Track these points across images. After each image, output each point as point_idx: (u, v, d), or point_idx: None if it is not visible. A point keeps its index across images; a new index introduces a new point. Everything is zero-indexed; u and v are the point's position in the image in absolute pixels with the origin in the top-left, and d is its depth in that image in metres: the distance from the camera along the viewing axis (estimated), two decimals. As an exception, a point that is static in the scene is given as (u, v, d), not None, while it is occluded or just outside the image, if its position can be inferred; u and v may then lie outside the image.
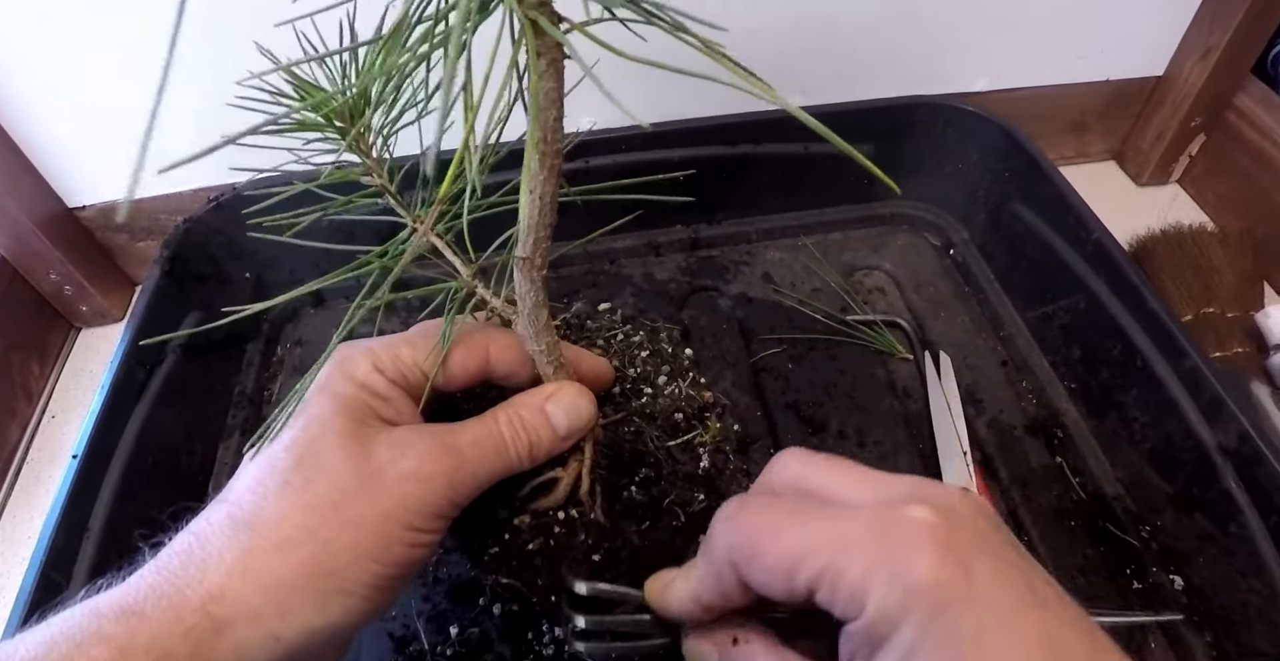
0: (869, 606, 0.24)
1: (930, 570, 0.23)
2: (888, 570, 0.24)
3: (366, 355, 0.33)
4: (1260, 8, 0.65)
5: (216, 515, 0.29)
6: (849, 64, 0.69)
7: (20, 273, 0.65)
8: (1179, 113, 0.72)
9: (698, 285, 0.66)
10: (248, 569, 0.27)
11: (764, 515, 0.27)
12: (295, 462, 0.30)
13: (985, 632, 0.23)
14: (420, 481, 0.30)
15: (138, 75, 0.59)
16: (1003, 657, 0.22)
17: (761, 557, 0.26)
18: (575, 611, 0.35)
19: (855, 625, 0.25)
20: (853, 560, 0.24)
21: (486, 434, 0.33)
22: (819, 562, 0.25)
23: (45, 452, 0.63)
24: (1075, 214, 0.59)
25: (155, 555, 0.29)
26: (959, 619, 0.23)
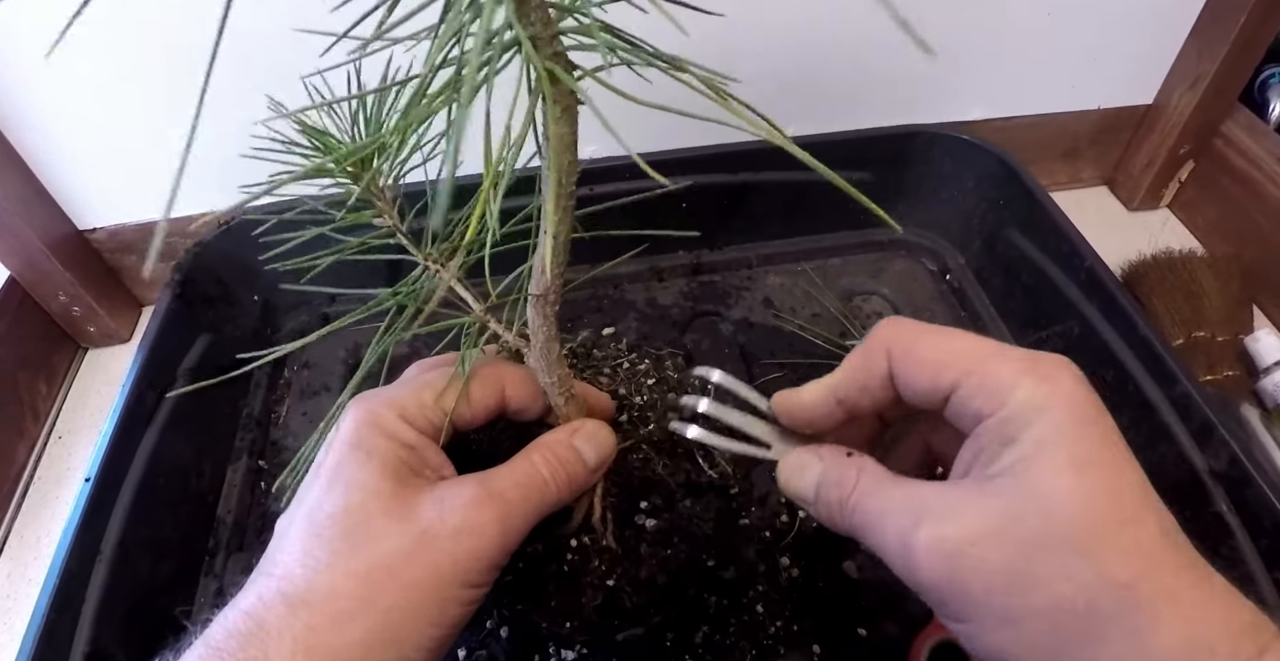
0: (1012, 400, 0.26)
1: (1074, 386, 0.27)
2: (1036, 375, 0.27)
3: (393, 406, 0.33)
4: (1247, 38, 0.67)
5: (268, 592, 0.29)
6: (847, 93, 0.70)
7: (30, 293, 0.65)
8: (1168, 140, 0.74)
9: (700, 310, 0.67)
10: (309, 647, 0.27)
11: (925, 325, 0.30)
12: (342, 532, 0.29)
13: (1113, 452, 0.26)
14: (472, 534, 0.30)
15: (149, 101, 0.60)
16: (1127, 475, 0.26)
17: (920, 348, 0.29)
18: (696, 395, 0.36)
19: (990, 422, 0.27)
20: (1005, 363, 0.27)
21: (526, 476, 0.33)
22: (972, 360, 0.28)
23: (52, 472, 0.63)
24: (1069, 242, 0.60)
25: (204, 632, 0.29)
26: (1091, 430, 0.26)
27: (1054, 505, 0.25)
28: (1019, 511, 0.25)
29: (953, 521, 0.26)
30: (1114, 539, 0.24)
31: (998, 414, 0.27)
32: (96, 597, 0.46)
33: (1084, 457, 0.25)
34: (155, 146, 0.63)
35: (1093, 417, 0.26)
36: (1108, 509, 0.25)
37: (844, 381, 0.31)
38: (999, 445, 0.26)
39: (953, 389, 0.28)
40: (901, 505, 0.28)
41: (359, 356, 0.65)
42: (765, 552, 0.52)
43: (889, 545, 0.28)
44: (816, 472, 0.31)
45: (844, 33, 0.66)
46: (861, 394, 0.31)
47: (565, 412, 0.36)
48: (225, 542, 0.55)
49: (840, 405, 0.32)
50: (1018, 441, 0.26)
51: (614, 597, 0.37)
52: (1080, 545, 0.24)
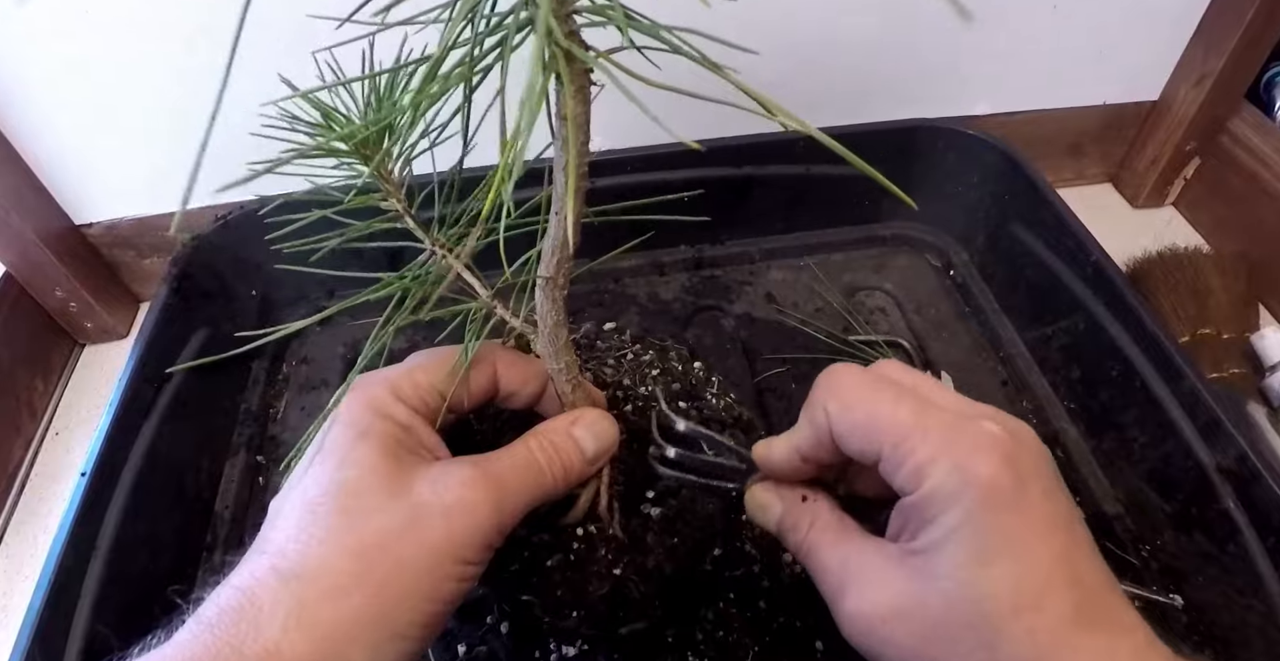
0: (925, 485, 0.27)
1: (989, 470, 0.27)
2: (952, 460, 0.27)
3: (386, 386, 0.33)
4: (1254, 35, 0.67)
5: (260, 568, 0.28)
6: (851, 87, 0.70)
7: (26, 289, 0.65)
8: (1174, 137, 0.74)
9: (702, 305, 0.66)
10: (301, 621, 0.27)
11: (862, 381, 0.30)
12: (337, 507, 0.29)
13: (1021, 537, 0.26)
14: (465, 512, 0.30)
15: (146, 94, 0.60)
16: (1030, 561, 0.26)
17: (851, 413, 0.30)
18: (668, 443, 0.38)
19: (909, 500, 0.28)
20: (926, 443, 0.28)
21: (523, 461, 0.33)
22: (896, 436, 0.28)
23: (49, 468, 0.63)
24: (1074, 237, 0.60)
25: (196, 610, 0.29)
26: (1001, 518, 0.26)
27: (959, 596, 0.26)
28: (928, 596, 0.27)
29: (870, 596, 0.29)
30: (1010, 628, 0.25)
31: (916, 494, 0.28)
32: (93, 593, 0.46)
33: (990, 549, 0.26)
34: (152, 141, 0.63)
35: (1006, 503, 0.26)
36: (1008, 600, 0.26)
37: (801, 439, 0.33)
38: (918, 523, 0.28)
39: (878, 458, 0.29)
40: (835, 569, 0.31)
41: (357, 351, 0.65)
42: (768, 548, 0.51)
43: (824, 595, 0.32)
44: (777, 513, 0.34)
45: (849, 28, 0.66)
46: (818, 449, 0.32)
47: (571, 400, 0.35)
48: (223, 538, 0.54)
49: (806, 462, 0.33)
50: (933, 524, 0.27)
51: (620, 586, 0.37)
52: (980, 635, 0.26)
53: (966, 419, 0.28)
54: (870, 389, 0.30)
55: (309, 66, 0.34)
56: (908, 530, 0.29)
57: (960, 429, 0.28)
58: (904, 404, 0.29)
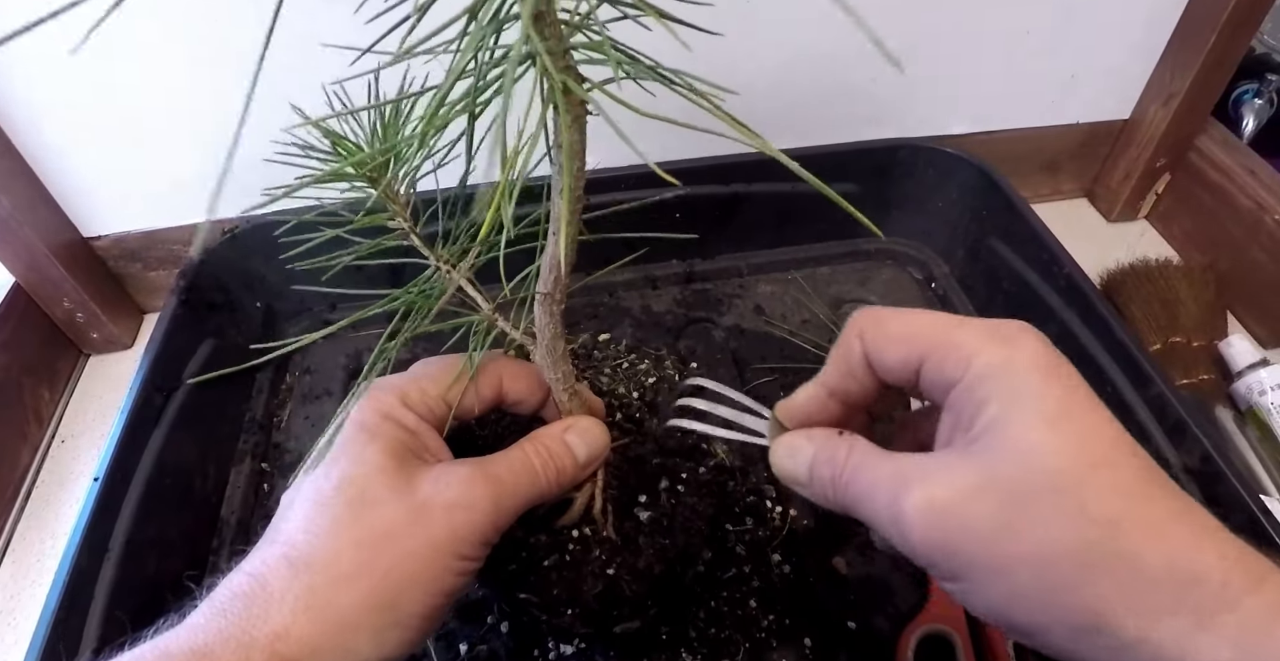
0: (975, 363, 0.27)
1: (1036, 345, 0.27)
2: (998, 338, 0.28)
3: (395, 392, 0.35)
4: (1217, 57, 0.70)
5: (271, 556, 0.30)
6: (834, 107, 0.73)
7: (34, 299, 0.66)
8: (1145, 153, 0.77)
9: (693, 317, 0.69)
10: (310, 607, 0.29)
11: (892, 308, 0.31)
12: (345, 501, 0.31)
13: (1078, 403, 0.26)
14: (466, 509, 0.32)
15: (155, 109, 0.62)
16: (1093, 423, 0.26)
17: (887, 328, 0.30)
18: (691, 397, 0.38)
19: (959, 388, 0.28)
20: (967, 331, 0.28)
21: (519, 463, 0.35)
22: (935, 332, 0.29)
23: (55, 476, 0.64)
24: (1048, 250, 0.62)
25: (209, 596, 0.30)
26: (1054, 386, 0.26)
27: (1030, 458, 0.26)
28: (998, 467, 0.26)
29: (938, 483, 0.27)
30: (1091, 481, 0.25)
31: (965, 379, 0.28)
32: (105, 595, 0.47)
33: (1052, 410, 0.26)
34: (160, 156, 0.65)
35: (1056, 372, 0.27)
36: (1081, 455, 0.25)
37: (829, 372, 0.33)
38: (972, 409, 0.27)
39: (921, 361, 0.29)
40: (889, 475, 0.29)
41: (360, 362, 0.67)
42: (758, 549, 0.53)
43: (880, 514, 0.29)
44: (809, 453, 0.32)
45: (828, 50, 0.69)
46: (847, 380, 0.32)
47: (568, 408, 0.37)
48: (229, 542, 0.56)
49: (832, 397, 0.33)
50: (988, 403, 0.27)
51: (614, 586, 0.38)
52: (1059, 492, 0.25)
53: (997, 321, 0.29)
54: (902, 310, 0.31)
55: (318, 95, 0.36)
56: (961, 422, 0.28)
57: (995, 323, 0.29)
58: (937, 313, 0.30)
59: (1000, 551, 0.26)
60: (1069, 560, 0.25)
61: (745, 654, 0.49)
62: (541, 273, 0.33)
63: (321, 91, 0.35)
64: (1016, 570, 0.25)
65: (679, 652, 0.49)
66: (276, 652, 0.28)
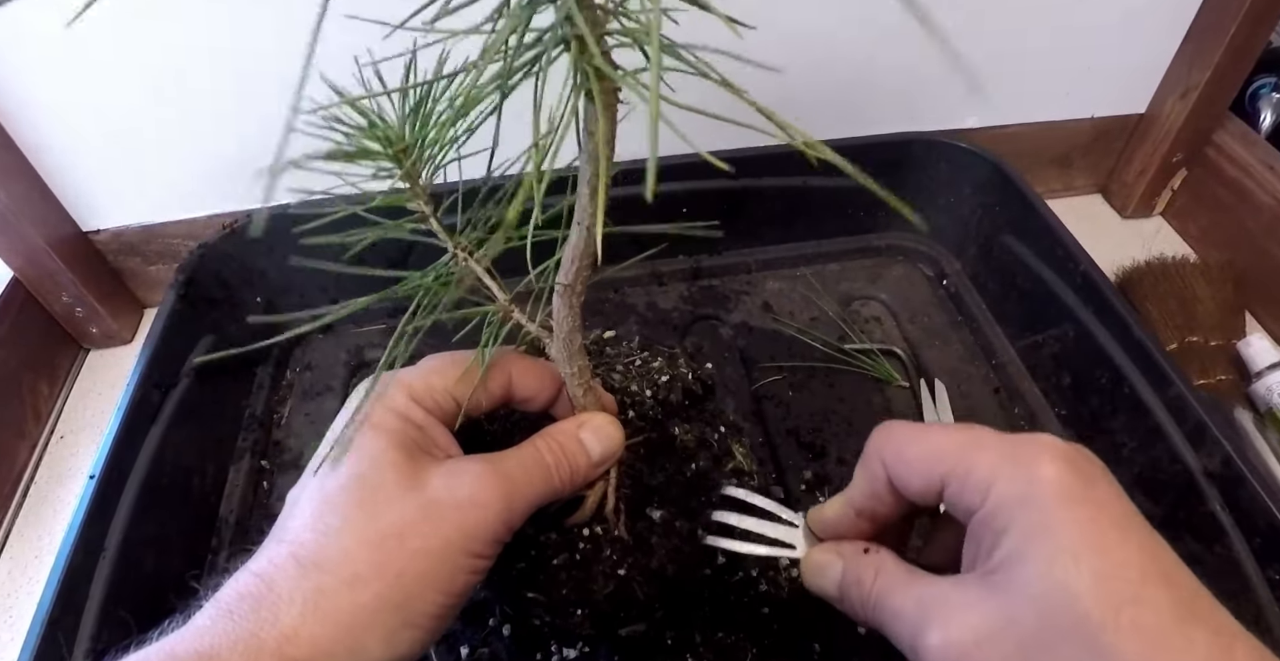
0: (993, 493, 0.27)
1: (1055, 469, 0.26)
2: (1015, 465, 0.27)
3: (403, 388, 0.34)
4: (1237, 49, 0.68)
5: (279, 556, 0.29)
6: (845, 101, 0.71)
7: (33, 294, 0.66)
8: (1161, 149, 0.75)
9: (700, 314, 0.67)
10: (319, 608, 0.28)
11: (914, 426, 0.31)
12: (354, 499, 0.30)
13: (1102, 532, 0.25)
14: (478, 507, 0.31)
15: (155, 104, 0.61)
16: (1118, 554, 0.25)
17: (906, 451, 0.30)
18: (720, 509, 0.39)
19: (978, 517, 0.27)
20: (984, 456, 0.28)
21: (532, 460, 0.34)
22: (954, 457, 0.28)
23: (54, 472, 0.63)
24: (1064, 246, 0.61)
25: (214, 596, 0.29)
26: (1077, 514, 0.25)
27: (1049, 599, 0.24)
28: (1017, 609, 0.25)
29: (956, 624, 0.26)
30: (1115, 626, 0.24)
31: (984, 508, 0.27)
32: (100, 594, 0.46)
33: (1073, 544, 0.25)
34: (159, 150, 0.64)
35: (1081, 499, 0.26)
36: (1104, 595, 0.24)
37: (855, 493, 0.33)
38: (991, 538, 0.27)
39: (942, 487, 0.29)
40: (912, 608, 0.29)
41: (362, 358, 0.66)
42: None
43: (903, 643, 0.29)
44: (838, 572, 0.33)
45: (842, 44, 0.67)
46: (873, 501, 0.32)
47: (583, 404, 0.36)
48: (228, 541, 0.55)
49: (860, 516, 0.33)
50: (1008, 533, 0.26)
51: (624, 586, 0.38)
52: (1081, 638, 0.24)
53: (1020, 437, 0.28)
54: (922, 429, 0.31)
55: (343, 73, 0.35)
56: (982, 551, 0.27)
57: (1016, 442, 0.28)
58: (958, 433, 0.29)
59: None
60: None
61: (753, 659, 0.48)
62: (563, 264, 0.32)
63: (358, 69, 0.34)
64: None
65: (685, 658, 0.48)
66: (285, 655, 0.27)
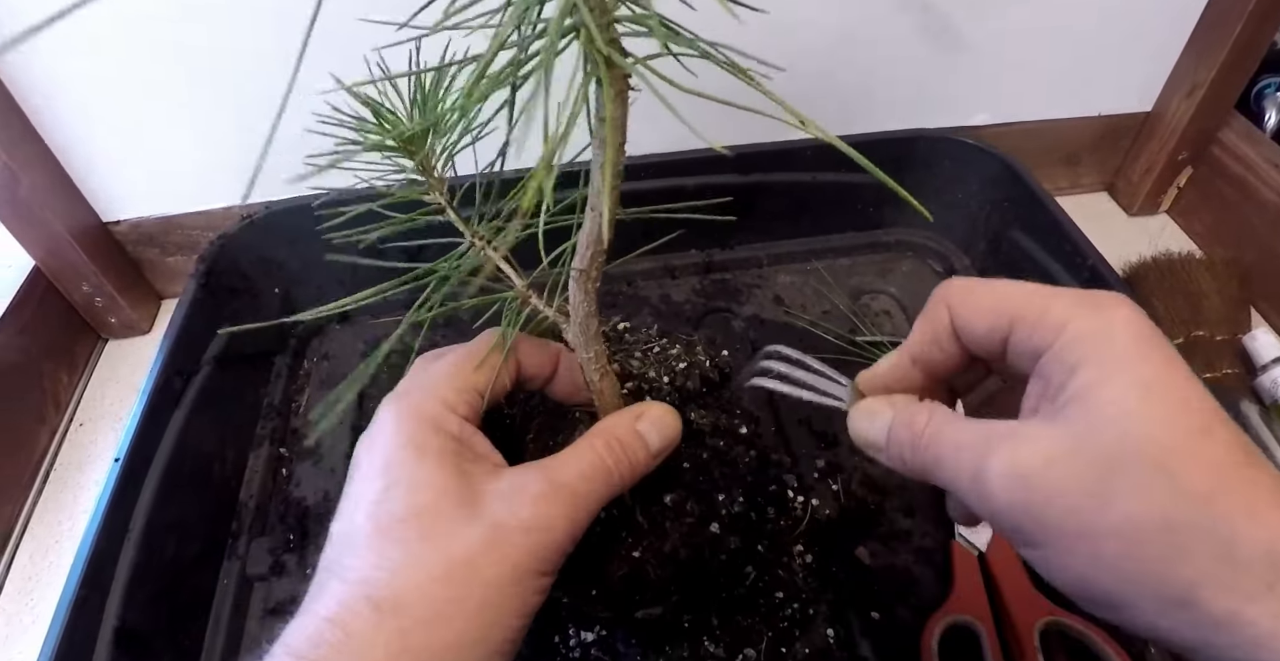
0: (1070, 329, 0.27)
1: (1130, 312, 0.27)
2: (1091, 305, 0.27)
3: (435, 398, 0.33)
4: (1241, 48, 0.69)
5: (350, 597, 0.28)
6: (854, 98, 0.72)
7: (54, 283, 0.66)
8: (1167, 147, 0.76)
9: (712, 306, 0.68)
10: (405, 651, 0.27)
11: (980, 279, 0.31)
12: (415, 532, 0.29)
13: (1175, 374, 0.25)
14: (542, 529, 0.30)
15: (176, 97, 0.62)
16: (1191, 394, 0.25)
17: (975, 296, 0.30)
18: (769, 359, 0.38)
19: (1051, 352, 0.27)
20: (1058, 298, 0.28)
21: (591, 465, 0.33)
22: (1026, 300, 0.28)
23: (73, 459, 0.64)
24: (1072, 242, 0.62)
25: (283, 644, 0.28)
26: (1152, 356, 0.26)
27: (1126, 424, 0.25)
28: (1091, 433, 0.25)
29: (1025, 447, 0.26)
30: (1188, 453, 0.24)
31: (1056, 345, 0.27)
32: (125, 576, 0.47)
33: (1150, 377, 0.25)
34: (179, 141, 0.65)
35: (1152, 340, 0.26)
36: (1177, 425, 0.24)
37: (914, 341, 0.32)
38: (1062, 375, 0.27)
39: (1010, 328, 0.29)
40: (973, 437, 0.28)
41: (378, 348, 0.66)
42: (780, 540, 0.53)
43: (962, 476, 0.28)
44: (888, 417, 0.32)
45: (850, 40, 0.68)
46: (932, 348, 0.32)
47: (599, 388, 0.37)
48: (248, 527, 0.55)
49: (915, 365, 0.32)
50: (1080, 368, 0.26)
51: (639, 569, 0.38)
52: (1155, 461, 0.24)
53: (1090, 291, 0.28)
54: (990, 280, 0.30)
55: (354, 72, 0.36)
56: (1050, 389, 0.27)
57: (1090, 293, 0.28)
58: (1027, 284, 0.29)
59: (1088, 519, 0.25)
60: (1160, 533, 0.24)
61: (768, 642, 0.48)
62: (578, 250, 0.32)
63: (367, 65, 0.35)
64: (1104, 540, 0.25)
65: (701, 641, 0.48)
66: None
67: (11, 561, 0.58)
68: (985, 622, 0.47)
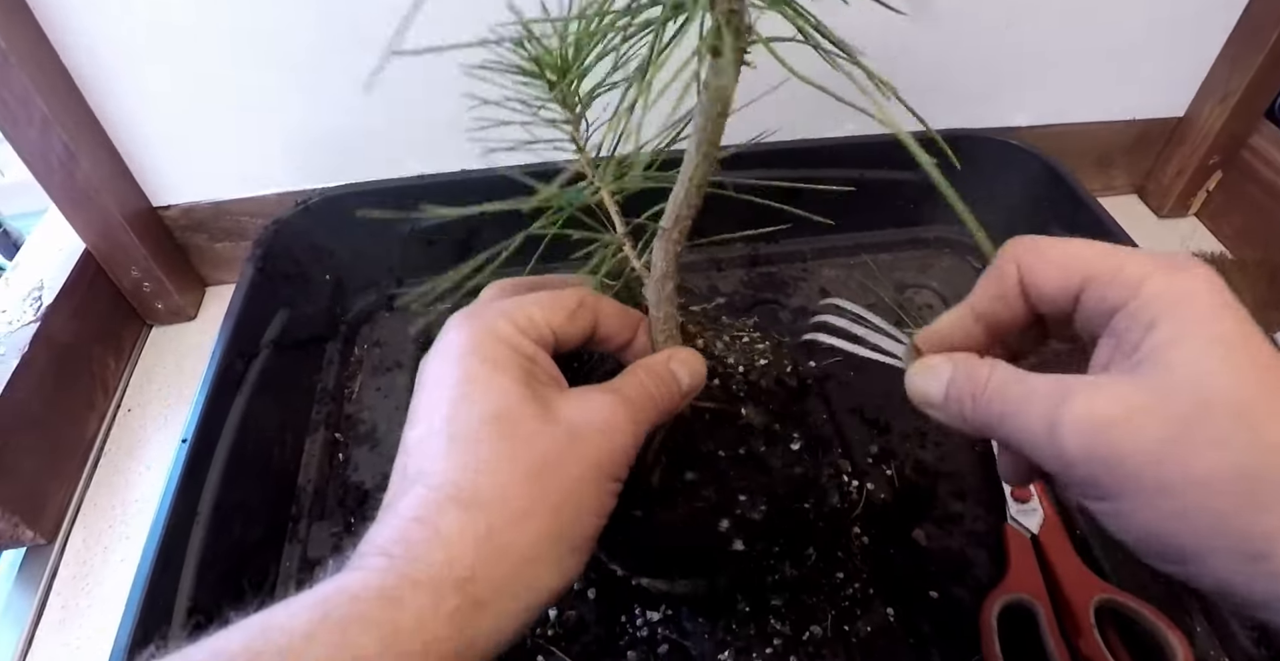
0: (1147, 288, 0.27)
1: (1207, 273, 0.27)
2: (1169, 266, 0.27)
3: (508, 320, 0.33)
4: (1276, 57, 0.71)
5: (435, 498, 0.29)
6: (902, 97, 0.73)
7: (104, 268, 0.66)
8: (1198, 151, 0.78)
9: (760, 298, 0.69)
10: (493, 547, 0.28)
11: (1052, 238, 0.31)
12: (497, 435, 0.30)
13: (1252, 336, 0.26)
14: (615, 431, 0.32)
15: (231, 82, 0.62)
16: (1269, 356, 0.25)
17: (1047, 253, 0.30)
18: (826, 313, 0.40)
19: (1127, 310, 0.27)
20: (1134, 258, 0.28)
21: (640, 389, 0.34)
22: (1100, 258, 0.28)
23: (122, 445, 0.64)
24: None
25: (369, 544, 0.29)
26: (1228, 317, 0.26)
27: (1205, 379, 0.25)
28: (1170, 387, 0.25)
29: (1102, 396, 0.26)
30: (1268, 409, 0.24)
31: (1132, 303, 0.27)
32: (196, 557, 0.47)
33: (1228, 336, 0.25)
34: (232, 127, 0.65)
35: (1229, 302, 0.26)
36: (1257, 381, 0.25)
37: (979, 296, 0.32)
38: (1139, 333, 0.27)
39: (1083, 286, 0.29)
40: (1045, 389, 0.28)
41: (430, 335, 0.66)
42: (837, 523, 0.54)
43: (1032, 426, 0.27)
44: (948, 372, 0.31)
45: (898, 42, 0.69)
46: (997, 304, 0.31)
47: (662, 349, 0.38)
48: (307, 510, 0.56)
49: (978, 321, 0.32)
50: (1158, 326, 0.26)
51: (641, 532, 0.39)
52: (1235, 414, 0.24)
53: (1168, 253, 0.28)
54: (1061, 239, 0.30)
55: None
56: (1124, 346, 0.27)
57: (1165, 253, 0.28)
58: (1100, 243, 0.29)
59: (1167, 470, 0.25)
60: (1241, 485, 0.24)
61: (832, 620, 0.49)
62: (667, 210, 0.33)
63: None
64: (1184, 491, 0.25)
65: (767, 619, 0.49)
66: (468, 594, 0.27)
67: (65, 544, 0.58)
68: (1042, 601, 0.48)
